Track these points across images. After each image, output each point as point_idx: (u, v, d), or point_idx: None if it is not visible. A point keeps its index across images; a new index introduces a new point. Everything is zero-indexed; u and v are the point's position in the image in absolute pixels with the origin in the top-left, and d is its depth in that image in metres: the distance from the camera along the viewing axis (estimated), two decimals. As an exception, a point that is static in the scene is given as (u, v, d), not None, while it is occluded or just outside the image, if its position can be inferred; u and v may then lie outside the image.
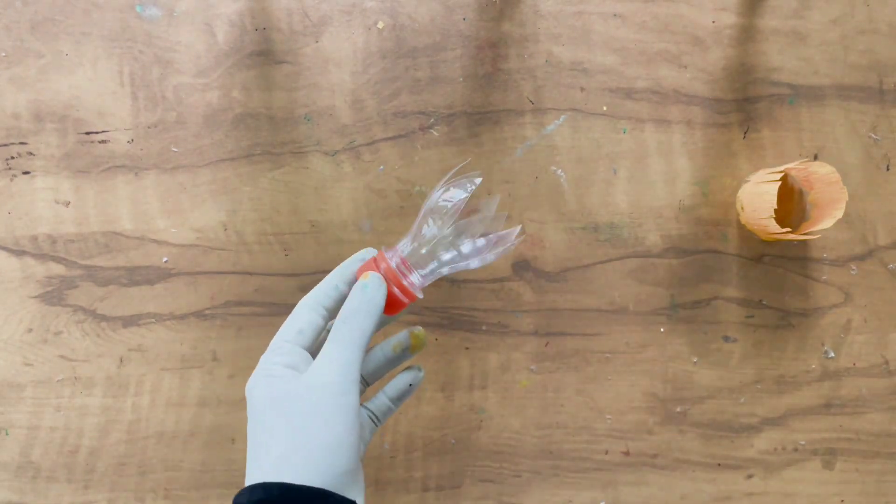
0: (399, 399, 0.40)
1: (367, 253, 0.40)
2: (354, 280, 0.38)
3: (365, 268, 0.38)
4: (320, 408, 0.33)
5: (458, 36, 0.57)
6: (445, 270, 0.39)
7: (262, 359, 0.36)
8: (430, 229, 0.38)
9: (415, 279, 0.38)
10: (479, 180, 0.39)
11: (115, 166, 0.56)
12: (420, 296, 0.38)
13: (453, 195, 0.38)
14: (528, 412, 0.57)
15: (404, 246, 0.39)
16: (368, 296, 0.36)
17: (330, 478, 0.32)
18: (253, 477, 0.33)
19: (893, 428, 0.58)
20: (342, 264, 0.39)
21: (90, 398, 0.56)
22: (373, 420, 0.40)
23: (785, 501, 0.58)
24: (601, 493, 0.57)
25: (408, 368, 0.40)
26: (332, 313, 0.38)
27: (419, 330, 0.41)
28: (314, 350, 0.38)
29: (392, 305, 0.38)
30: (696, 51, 0.58)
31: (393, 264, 0.38)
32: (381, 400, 0.40)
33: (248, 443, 0.35)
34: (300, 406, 0.33)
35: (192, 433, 0.56)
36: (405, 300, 0.38)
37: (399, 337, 0.40)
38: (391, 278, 0.37)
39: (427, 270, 0.38)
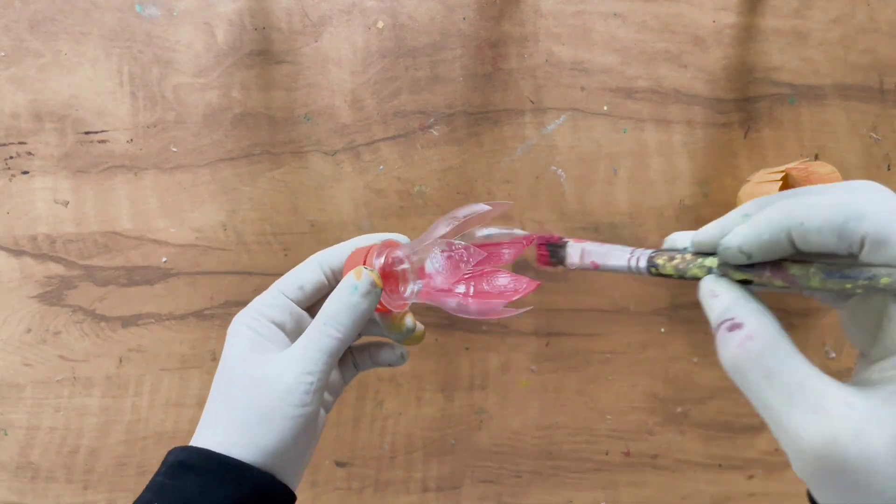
0: (380, 366, 0.39)
1: (397, 236, 0.36)
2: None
3: (358, 257, 0.34)
4: (271, 411, 0.31)
5: (458, 35, 0.57)
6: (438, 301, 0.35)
7: (254, 304, 0.34)
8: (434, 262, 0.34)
9: (409, 289, 0.35)
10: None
11: (115, 166, 0.56)
12: (406, 308, 0.36)
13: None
14: (528, 412, 0.57)
15: (409, 252, 0.34)
16: (355, 300, 0.32)
17: (266, 463, 0.31)
18: (195, 436, 0.33)
19: (894, 428, 0.58)
20: (369, 236, 0.36)
21: (89, 398, 0.56)
22: (354, 365, 0.39)
23: (786, 502, 0.57)
24: (601, 494, 0.57)
25: (392, 347, 0.38)
26: (338, 276, 0.35)
27: (419, 329, 0.38)
28: (312, 305, 0.36)
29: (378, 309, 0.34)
30: (697, 50, 0.58)
31: (393, 255, 0.34)
32: (364, 354, 0.38)
33: (209, 393, 0.34)
34: (256, 398, 0.31)
35: (192, 433, 0.56)
36: (390, 308, 0.34)
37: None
38: (387, 277, 0.34)
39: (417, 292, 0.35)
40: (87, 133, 0.56)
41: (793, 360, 0.22)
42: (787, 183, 0.58)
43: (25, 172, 0.56)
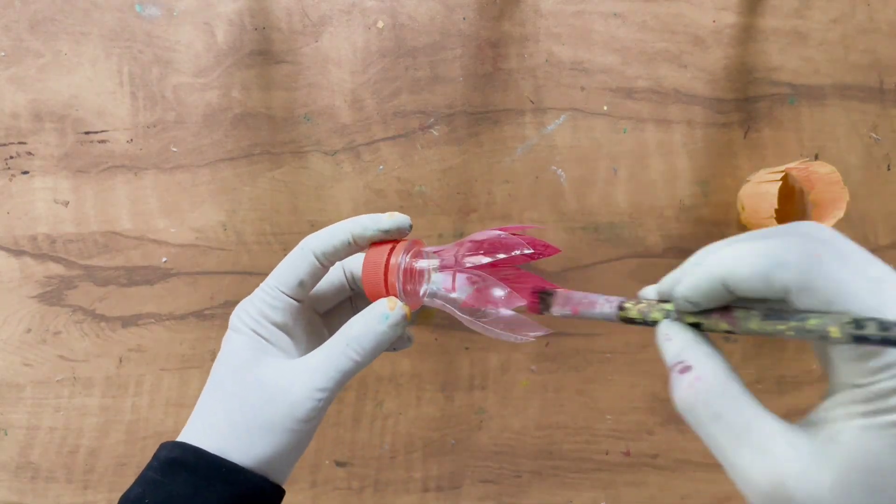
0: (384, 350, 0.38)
1: (394, 221, 0.34)
2: (368, 243, 0.34)
3: (380, 255, 0.33)
4: (276, 422, 0.31)
5: (458, 35, 0.57)
6: (452, 310, 0.35)
7: (255, 303, 0.33)
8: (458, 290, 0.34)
9: (422, 290, 0.34)
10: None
11: (115, 166, 0.56)
12: (418, 308, 0.35)
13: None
14: (528, 412, 0.57)
15: (430, 262, 0.34)
16: (383, 329, 0.32)
17: (261, 468, 0.31)
18: (187, 431, 0.32)
19: (894, 428, 0.58)
20: (363, 217, 0.34)
21: (89, 398, 0.56)
22: None
23: (785, 502, 0.58)
24: (601, 494, 0.57)
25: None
26: (335, 261, 0.35)
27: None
28: (315, 293, 0.36)
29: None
30: (697, 50, 0.58)
31: (415, 263, 0.34)
32: None
33: (204, 386, 0.33)
34: (260, 405, 0.31)
35: (192, 433, 0.56)
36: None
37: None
38: (403, 278, 0.33)
39: (435, 295, 0.34)
40: (87, 133, 0.56)
41: (740, 402, 0.22)
42: (787, 183, 0.58)
43: (25, 172, 0.56)
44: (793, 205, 0.58)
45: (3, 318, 0.56)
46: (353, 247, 0.34)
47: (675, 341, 0.25)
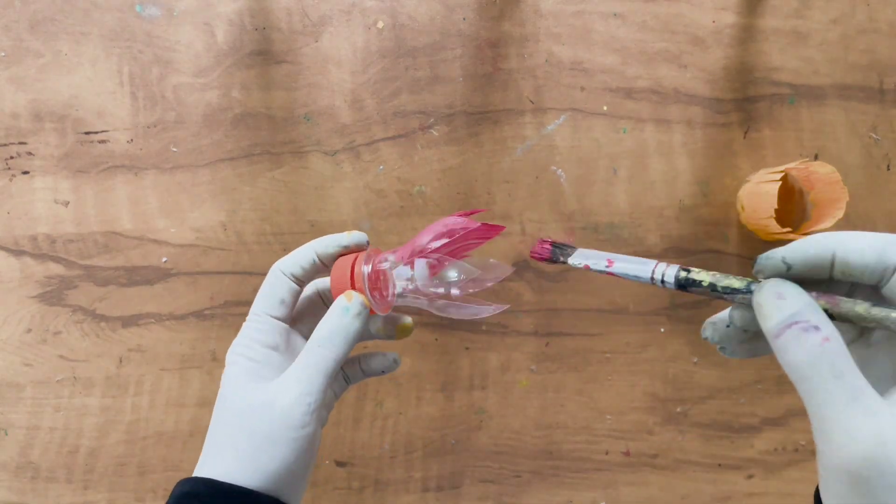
0: (372, 375, 0.40)
1: (352, 238, 0.37)
2: (332, 260, 0.36)
3: (344, 265, 0.35)
4: (273, 435, 0.32)
5: (458, 35, 0.57)
6: (421, 303, 0.36)
7: (244, 331, 0.35)
8: (419, 272, 0.35)
9: (389, 293, 0.36)
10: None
11: (115, 166, 0.56)
12: (389, 310, 0.37)
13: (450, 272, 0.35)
14: (528, 412, 0.57)
15: (390, 260, 0.36)
16: (347, 321, 0.34)
17: (271, 488, 0.32)
18: (199, 467, 0.33)
19: (894, 428, 0.58)
20: (325, 237, 0.37)
21: (89, 398, 0.56)
22: (345, 379, 0.40)
23: (785, 501, 0.58)
24: (601, 494, 0.57)
25: (384, 355, 0.39)
26: (306, 279, 0.37)
27: (407, 321, 0.39)
28: (296, 315, 0.37)
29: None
30: (697, 50, 0.58)
31: (378, 266, 0.35)
32: (355, 366, 0.40)
33: (210, 422, 0.34)
34: (258, 424, 0.32)
35: (192, 433, 0.56)
36: (377, 311, 0.36)
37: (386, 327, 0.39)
38: (370, 285, 0.35)
39: (402, 294, 0.36)
40: (87, 133, 0.56)
41: (855, 368, 0.24)
42: (786, 183, 0.58)
43: (25, 172, 0.56)
44: (793, 205, 0.58)
45: (3, 318, 0.56)
46: (319, 264, 0.36)
47: (792, 300, 0.26)
